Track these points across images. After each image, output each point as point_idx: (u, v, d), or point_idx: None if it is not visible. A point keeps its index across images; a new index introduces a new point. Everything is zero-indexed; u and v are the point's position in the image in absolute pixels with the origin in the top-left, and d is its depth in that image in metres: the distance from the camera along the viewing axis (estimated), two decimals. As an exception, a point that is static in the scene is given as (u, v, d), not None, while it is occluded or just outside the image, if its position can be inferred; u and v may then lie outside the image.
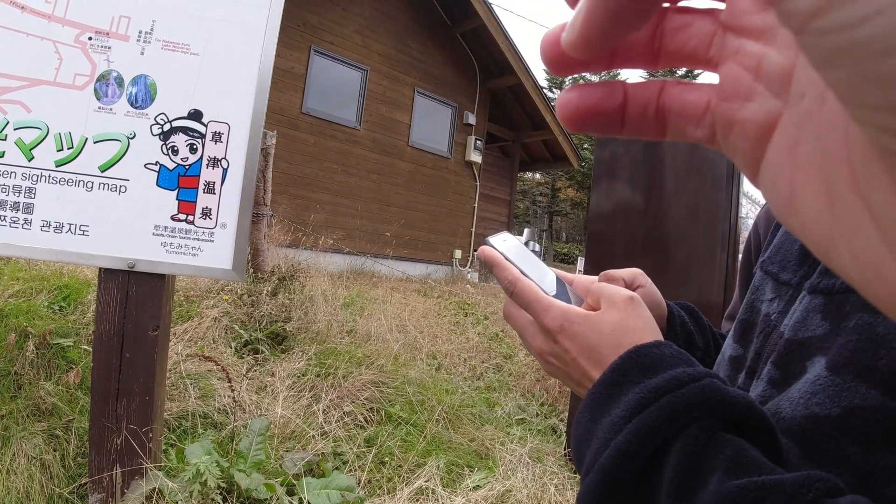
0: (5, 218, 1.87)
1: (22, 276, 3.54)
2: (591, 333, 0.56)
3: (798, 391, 0.49)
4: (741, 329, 0.64)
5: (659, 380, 0.47)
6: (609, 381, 0.51)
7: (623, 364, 0.51)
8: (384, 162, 10.78)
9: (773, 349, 0.55)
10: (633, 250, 3.33)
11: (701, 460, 0.42)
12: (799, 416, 0.48)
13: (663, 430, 0.44)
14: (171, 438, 2.61)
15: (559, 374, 0.60)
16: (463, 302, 7.50)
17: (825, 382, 0.47)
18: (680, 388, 0.45)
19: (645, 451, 0.44)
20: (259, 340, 3.91)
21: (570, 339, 0.57)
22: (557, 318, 0.58)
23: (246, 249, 2.06)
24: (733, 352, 0.64)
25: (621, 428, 0.46)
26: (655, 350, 0.51)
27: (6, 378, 2.61)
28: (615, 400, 0.49)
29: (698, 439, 0.43)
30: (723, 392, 0.45)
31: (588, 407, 0.51)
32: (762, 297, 0.63)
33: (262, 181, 4.35)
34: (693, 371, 0.47)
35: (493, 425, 3.67)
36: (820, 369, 0.48)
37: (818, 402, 0.47)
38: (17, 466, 2.22)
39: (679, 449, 0.43)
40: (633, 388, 0.48)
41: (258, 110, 2.02)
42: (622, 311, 0.57)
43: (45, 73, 1.91)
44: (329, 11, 9.75)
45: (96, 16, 1.95)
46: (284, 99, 9.04)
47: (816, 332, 0.51)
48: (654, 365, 0.50)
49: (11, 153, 1.89)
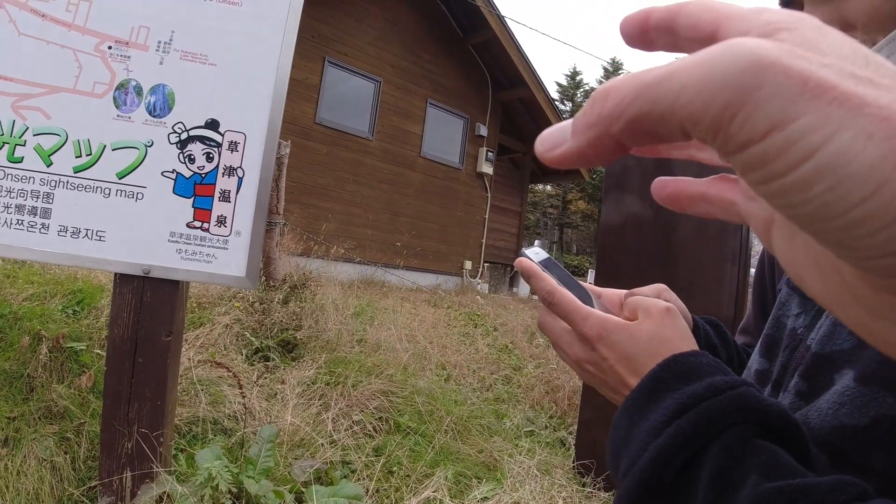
0: (23, 222, 1.90)
1: (36, 279, 3.58)
2: (629, 342, 0.58)
3: (827, 402, 0.51)
4: (767, 344, 0.66)
5: (697, 387, 0.48)
6: (647, 387, 0.52)
7: (661, 371, 0.52)
8: (396, 172, 10.82)
9: (799, 362, 0.57)
10: (643, 263, 3.33)
11: (737, 464, 0.43)
12: (828, 426, 0.50)
13: (701, 434, 0.45)
14: (182, 444, 2.62)
15: (595, 381, 0.62)
16: (473, 313, 7.50)
17: (853, 393, 0.49)
18: (717, 395, 0.47)
19: (683, 455, 0.45)
20: (270, 348, 3.93)
21: (608, 347, 0.59)
22: (596, 326, 0.59)
23: (259, 257, 2.08)
24: (759, 366, 0.65)
25: (660, 432, 0.47)
26: (692, 359, 0.53)
27: (19, 380, 2.63)
28: (653, 405, 0.50)
29: (735, 444, 0.44)
30: (758, 400, 0.46)
31: (626, 412, 0.53)
32: (788, 312, 0.65)
33: (275, 190, 4.38)
34: (730, 379, 0.48)
35: (502, 437, 3.66)
36: (848, 381, 0.50)
37: (847, 413, 0.49)
38: (28, 468, 2.24)
39: (716, 453, 0.44)
40: (671, 394, 0.49)
41: (274, 121, 2.05)
42: (659, 321, 0.59)
43: (65, 81, 1.95)
44: (343, 23, 9.83)
45: (116, 25, 1.98)
46: (298, 109, 9.10)
47: (844, 346, 0.53)
48: (691, 372, 0.51)
49: (30, 159, 1.92)
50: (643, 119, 0.22)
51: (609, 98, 0.23)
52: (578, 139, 0.24)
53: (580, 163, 0.25)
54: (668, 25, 0.25)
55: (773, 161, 0.20)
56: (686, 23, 0.25)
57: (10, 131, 1.90)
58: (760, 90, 0.19)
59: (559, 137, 0.25)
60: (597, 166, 0.26)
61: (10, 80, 1.92)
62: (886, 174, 0.18)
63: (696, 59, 0.20)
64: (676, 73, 0.21)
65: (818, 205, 0.19)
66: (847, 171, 0.18)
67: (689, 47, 0.25)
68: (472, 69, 12.14)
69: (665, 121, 0.21)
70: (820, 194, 0.19)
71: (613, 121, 0.23)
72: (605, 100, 0.23)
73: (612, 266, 3.52)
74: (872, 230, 0.19)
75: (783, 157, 0.19)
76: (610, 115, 0.23)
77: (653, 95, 0.21)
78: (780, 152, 0.19)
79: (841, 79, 0.19)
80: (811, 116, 0.19)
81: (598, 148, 0.24)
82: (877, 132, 0.18)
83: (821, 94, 0.19)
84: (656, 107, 0.21)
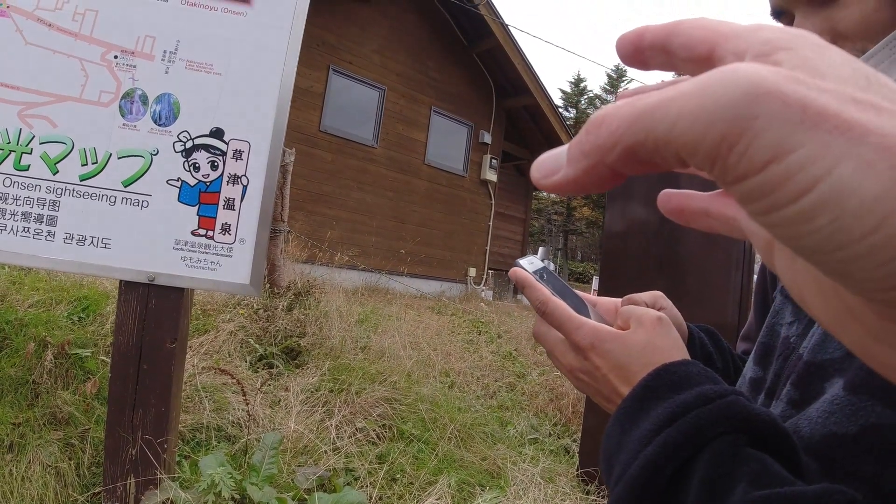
0: (29, 229, 1.92)
1: (42, 286, 3.59)
2: (621, 351, 0.59)
3: (817, 411, 0.51)
4: (761, 352, 0.66)
5: (687, 395, 0.49)
6: (639, 396, 0.53)
7: (652, 380, 0.53)
8: (400, 180, 10.85)
9: (792, 371, 0.57)
10: (647, 270, 3.32)
11: (726, 472, 0.43)
12: (818, 434, 0.50)
13: (690, 443, 0.45)
14: (185, 450, 2.63)
15: (589, 390, 0.62)
16: (477, 320, 7.49)
17: (843, 402, 0.49)
18: (707, 404, 0.47)
19: (673, 463, 0.45)
20: (274, 355, 3.93)
21: (600, 356, 0.59)
22: (588, 335, 0.60)
23: (264, 265, 2.09)
24: (753, 374, 0.66)
25: (650, 440, 0.47)
26: (683, 368, 0.53)
27: (24, 387, 2.64)
28: (644, 414, 0.50)
29: (724, 452, 0.45)
30: (748, 409, 0.47)
31: (618, 421, 0.53)
32: (782, 320, 0.65)
33: (279, 198, 4.40)
34: (719, 388, 0.49)
35: (506, 444, 3.65)
36: (838, 390, 0.50)
37: (836, 421, 0.49)
38: (33, 474, 2.25)
39: (706, 461, 0.44)
40: (662, 403, 0.50)
41: (278, 129, 2.06)
42: (651, 330, 0.59)
43: (71, 90, 1.96)
44: (347, 31, 9.88)
45: (122, 35, 2.00)
46: (303, 117, 9.14)
47: (835, 355, 0.53)
48: (682, 382, 0.51)
49: (37, 167, 1.93)
50: (638, 148, 0.21)
51: (603, 126, 0.22)
52: (574, 168, 0.24)
53: (576, 191, 0.25)
54: (662, 45, 0.25)
55: (771, 193, 0.19)
56: (681, 42, 0.24)
57: (16, 139, 1.92)
58: (757, 120, 0.19)
59: (555, 165, 0.25)
60: (594, 193, 0.26)
61: (16, 89, 1.93)
62: (891, 206, 0.17)
63: (692, 87, 0.20)
64: (672, 102, 0.20)
65: (819, 238, 0.19)
66: (849, 204, 0.18)
67: (684, 67, 0.25)
68: (477, 77, 12.18)
69: (660, 150, 0.21)
70: (821, 227, 0.18)
71: (608, 150, 0.22)
72: (599, 128, 0.22)
73: (616, 273, 3.52)
74: (876, 263, 0.18)
75: (782, 189, 0.19)
76: (604, 144, 0.22)
77: (647, 124, 0.21)
78: (778, 184, 0.19)
79: (841, 105, 0.18)
80: (811, 147, 0.18)
81: (593, 176, 0.23)
82: (879, 162, 0.17)
83: (820, 122, 0.18)
84: (651, 136, 0.21)
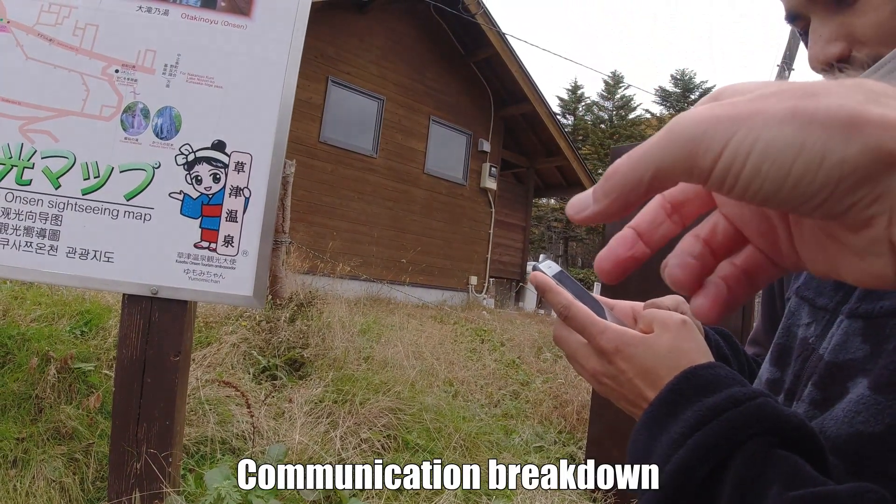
0: (32, 244, 1.92)
1: (44, 300, 3.59)
2: (647, 355, 0.58)
3: (842, 410, 0.51)
4: (778, 353, 0.66)
5: (716, 398, 0.49)
6: (667, 400, 0.52)
7: (680, 384, 0.53)
8: (400, 189, 10.86)
9: (812, 371, 0.57)
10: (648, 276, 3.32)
11: (760, 474, 0.43)
12: (844, 433, 0.50)
13: (722, 445, 0.45)
14: (190, 463, 2.62)
15: (613, 394, 0.62)
16: (479, 328, 7.48)
17: (868, 401, 0.49)
18: (737, 406, 0.47)
19: (705, 467, 0.45)
20: (277, 366, 3.92)
21: (626, 360, 0.59)
22: (613, 339, 0.60)
23: (266, 276, 2.09)
24: (770, 375, 0.65)
25: (681, 444, 0.47)
26: (711, 371, 0.53)
27: (27, 402, 2.64)
28: (673, 418, 0.50)
29: (756, 455, 0.44)
30: (777, 410, 0.47)
31: (645, 426, 0.53)
32: (798, 321, 0.65)
33: (281, 209, 4.40)
34: (748, 390, 0.49)
35: (511, 452, 3.64)
36: (863, 389, 0.50)
37: (862, 420, 0.49)
38: (37, 489, 2.24)
39: (738, 464, 0.44)
40: (690, 406, 0.50)
41: (279, 141, 2.06)
42: (676, 334, 0.59)
43: (72, 104, 1.97)
44: (346, 42, 9.92)
45: (123, 49, 2.01)
46: (302, 128, 9.17)
47: (857, 355, 0.53)
48: (710, 385, 0.51)
49: (39, 181, 1.93)
50: (638, 185, 0.30)
51: (614, 175, 0.31)
52: (599, 205, 0.32)
53: (605, 220, 0.33)
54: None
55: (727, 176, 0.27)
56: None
57: (18, 154, 1.92)
58: (704, 136, 0.27)
59: (584, 203, 0.33)
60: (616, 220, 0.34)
61: (17, 104, 1.94)
62: (796, 149, 0.26)
63: (659, 136, 0.29)
64: (650, 149, 0.29)
65: (765, 189, 0.27)
66: (766, 157, 0.26)
67: None
68: (474, 86, 12.22)
69: (654, 180, 0.30)
70: (762, 183, 0.27)
71: (619, 189, 0.31)
72: (612, 177, 0.31)
73: (617, 279, 3.51)
74: (798, 192, 0.26)
75: (731, 171, 0.27)
76: (615, 186, 0.31)
77: (641, 166, 0.30)
78: (728, 169, 0.27)
79: (736, 103, 0.28)
80: (732, 140, 0.27)
81: (615, 209, 0.32)
82: (764, 132, 0.26)
83: (734, 120, 0.27)
84: (646, 174, 0.30)
